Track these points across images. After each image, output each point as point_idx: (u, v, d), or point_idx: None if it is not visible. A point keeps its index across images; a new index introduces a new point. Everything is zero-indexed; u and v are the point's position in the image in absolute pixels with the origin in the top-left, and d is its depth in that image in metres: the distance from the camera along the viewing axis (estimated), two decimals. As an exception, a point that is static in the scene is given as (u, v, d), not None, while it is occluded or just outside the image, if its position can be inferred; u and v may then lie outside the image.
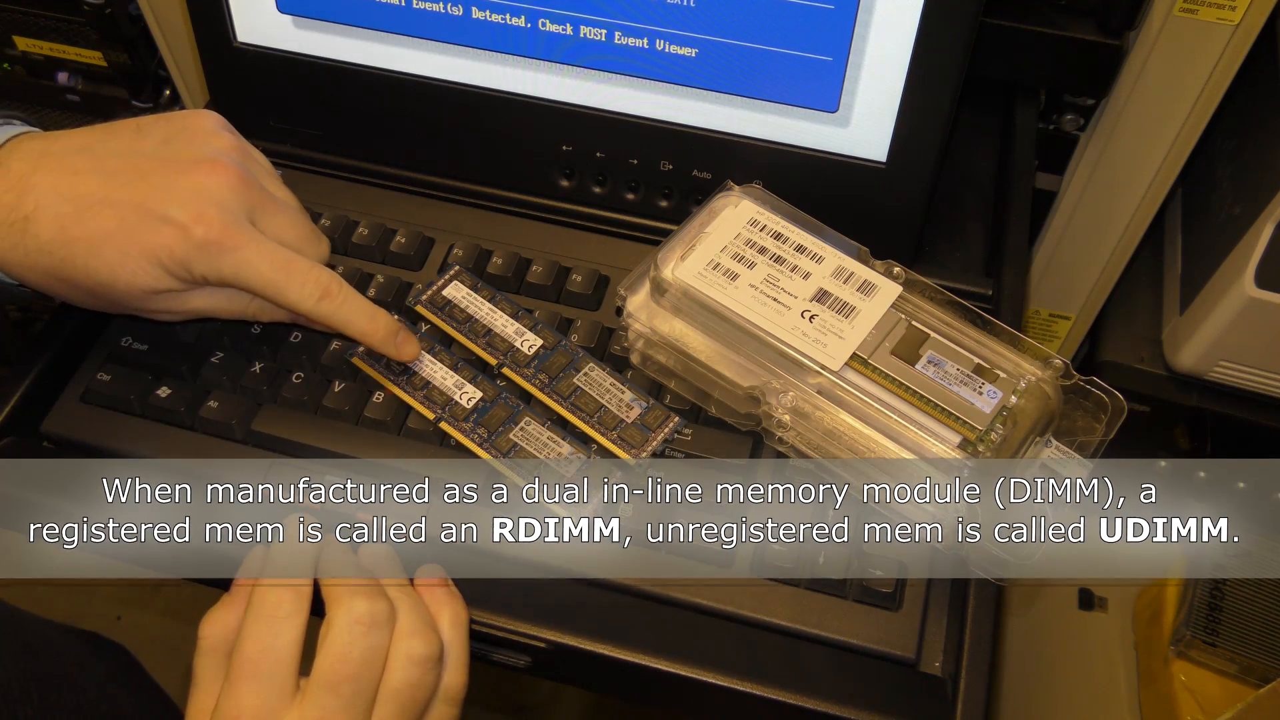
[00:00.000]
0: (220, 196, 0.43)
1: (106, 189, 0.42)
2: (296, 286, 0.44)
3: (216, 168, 0.44)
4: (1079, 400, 0.43)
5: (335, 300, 0.44)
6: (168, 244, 0.42)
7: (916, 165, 0.48)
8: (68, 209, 0.42)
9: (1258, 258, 0.58)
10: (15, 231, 0.42)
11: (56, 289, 0.44)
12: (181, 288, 0.44)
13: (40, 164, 0.43)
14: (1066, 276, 0.71)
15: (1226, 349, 0.63)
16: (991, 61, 0.55)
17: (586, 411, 0.46)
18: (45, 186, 0.42)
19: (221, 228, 0.42)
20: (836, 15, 0.44)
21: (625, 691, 0.46)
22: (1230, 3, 0.52)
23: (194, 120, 0.46)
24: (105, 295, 0.43)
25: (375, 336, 0.46)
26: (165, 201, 0.42)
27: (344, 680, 0.36)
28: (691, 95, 0.49)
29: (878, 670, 0.41)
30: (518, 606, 0.42)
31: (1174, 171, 0.61)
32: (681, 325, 0.44)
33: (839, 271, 0.45)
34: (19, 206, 0.42)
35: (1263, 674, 0.71)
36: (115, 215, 0.42)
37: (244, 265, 0.43)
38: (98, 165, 0.43)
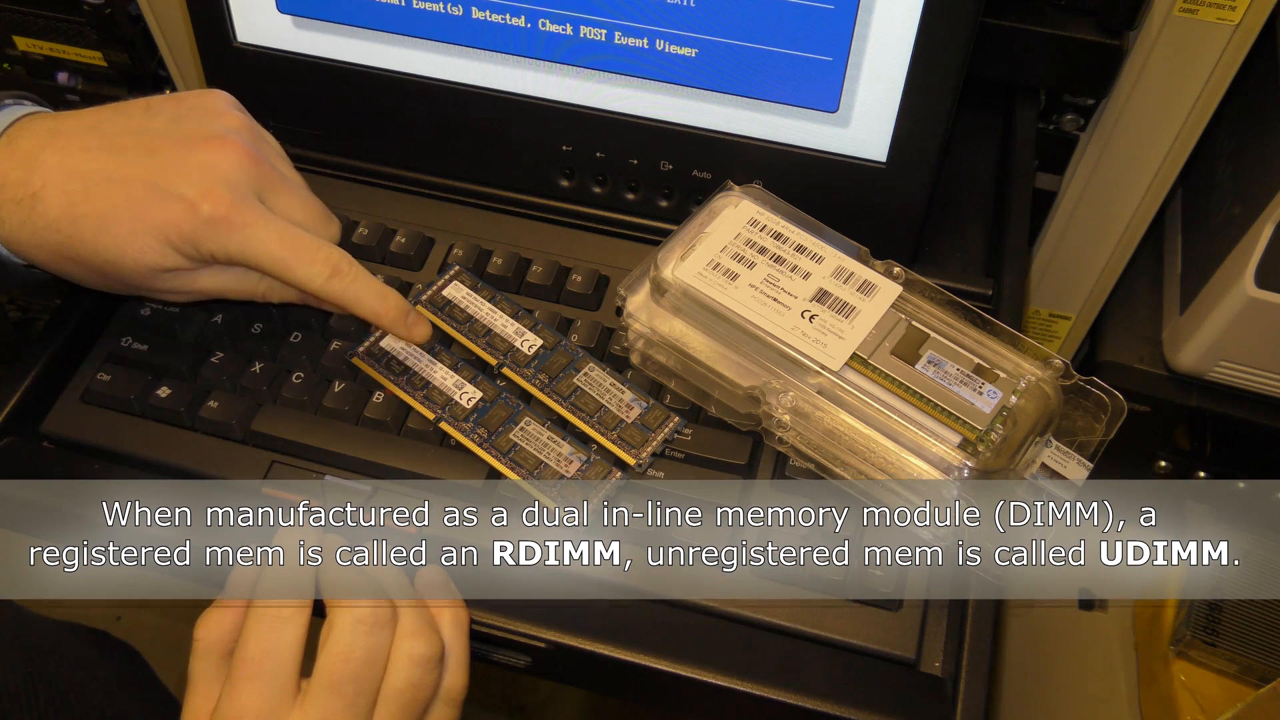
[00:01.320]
0: (229, 174, 0.43)
1: (115, 166, 0.42)
2: (305, 264, 0.43)
3: (226, 145, 0.43)
4: (1079, 400, 0.43)
5: (345, 278, 0.44)
6: (175, 220, 0.41)
7: (916, 165, 0.48)
8: (76, 186, 0.42)
9: (1258, 258, 0.58)
10: (23, 209, 0.42)
11: (64, 268, 0.44)
12: (190, 266, 0.43)
13: (49, 142, 0.42)
14: (1066, 276, 0.71)
15: (1226, 349, 0.63)
16: (991, 61, 0.55)
17: (586, 411, 0.46)
18: (53, 164, 0.42)
19: (230, 205, 0.42)
20: (836, 15, 0.44)
21: (625, 691, 0.46)
22: (1230, 3, 0.52)
23: (204, 99, 0.46)
24: (113, 274, 0.43)
25: (386, 316, 0.45)
26: (174, 178, 0.42)
27: (346, 680, 0.36)
28: (691, 95, 0.49)
29: (878, 670, 0.41)
30: (518, 607, 0.42)
31: (1174, 171, 0.61)
32: (681, 325, 0.44)
33: (839, 271, 0.45)
34: (27, 184, 0.42)
35: (1263, 674, 0.71)
36: (123, 191, 0.42)
37: (252, 243, 0.42)
38: (107, 143, 0.43)
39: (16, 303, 0.98)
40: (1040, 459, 0.41)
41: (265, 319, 0.50)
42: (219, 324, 0.49)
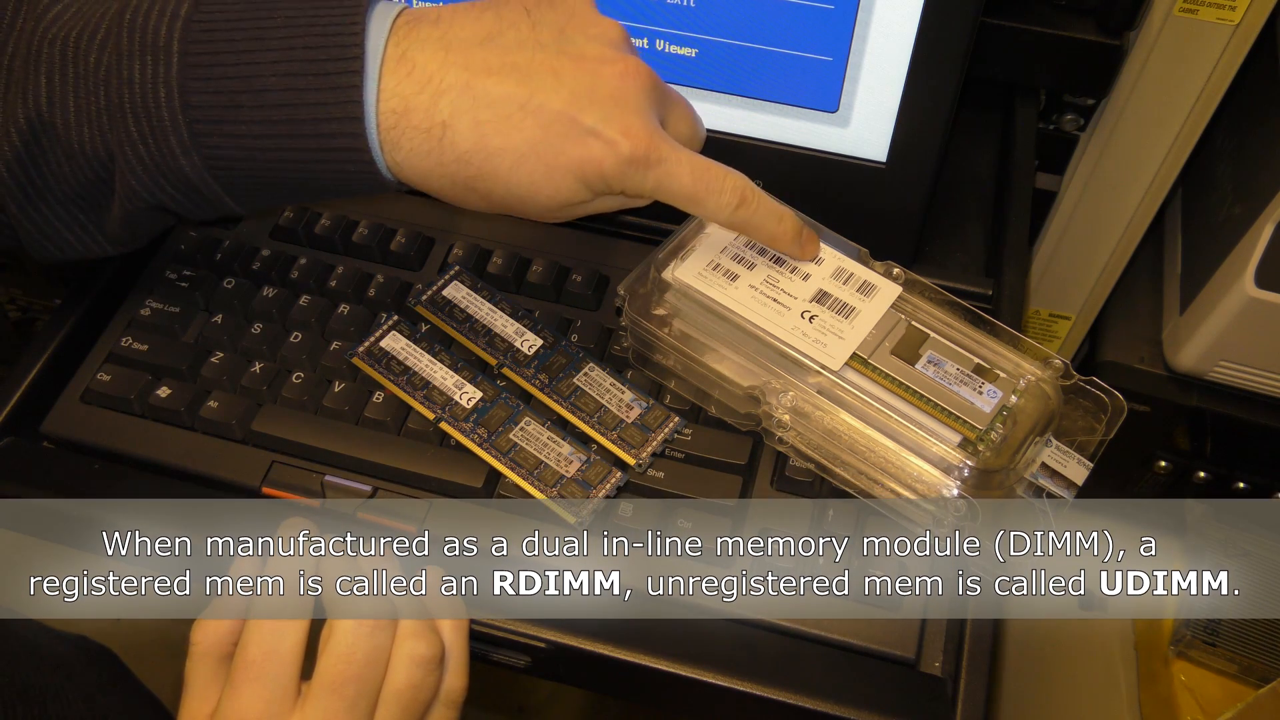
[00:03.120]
0: (639, 103, 0.40)
1: (526, 93, 0.39)
2: (714, 196, 0.41)
3: (629, 69, 0.40)
4: (1079, 400, 0.43)
5: (750, 206, 0.42)
6: (596, 159, 0.39)
7: (916, 165, 0.48)
8: (487, 116, 0.39)
9: (1258, 258, 0.58)
10: (430, 139, 0.39)
11: (464, 197, 0.41)
12: (591, 198, 0.42)
13: (447, 60, 0.39)
14: (1066, 276, 0.71)
15: (1226, 349, 0.63)
16: (991, 61, 0.55)
17: (586, 411, 0.46)
18: (459, 87, 0.38)
19: (647, 141, 0.39)
20: (836, 15, 0.44)
21: (625, 691, 0.46)
22: (1230, 3, 0.52)
23: (576, 6, 0.42)
24: (516, 206, 0.41)
25: (784, 239, 0.44)
26: (588, 110, 0.39)
27: (348, 681, 0.36)
28: (691, 95, 0.49)
29: (878, 670, 0.41)
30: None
31: (1174, 171, 0.61)
32: (681, 326, 0.44)
33: (839, 272, 0.45)
34: (434, 110, 0.38)
35: (1263, 674, 0.71)
36: (538, 125, 0.39)
37: (666, 178, 0.40)
38: (508, 63, 0.39)
39: (17, 303, 0.98)
40: (1040, 458, 0.41)
41: (265, 319, 0.50)
42: (219, 324, 0.49)
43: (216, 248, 0.52)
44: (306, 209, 0.53)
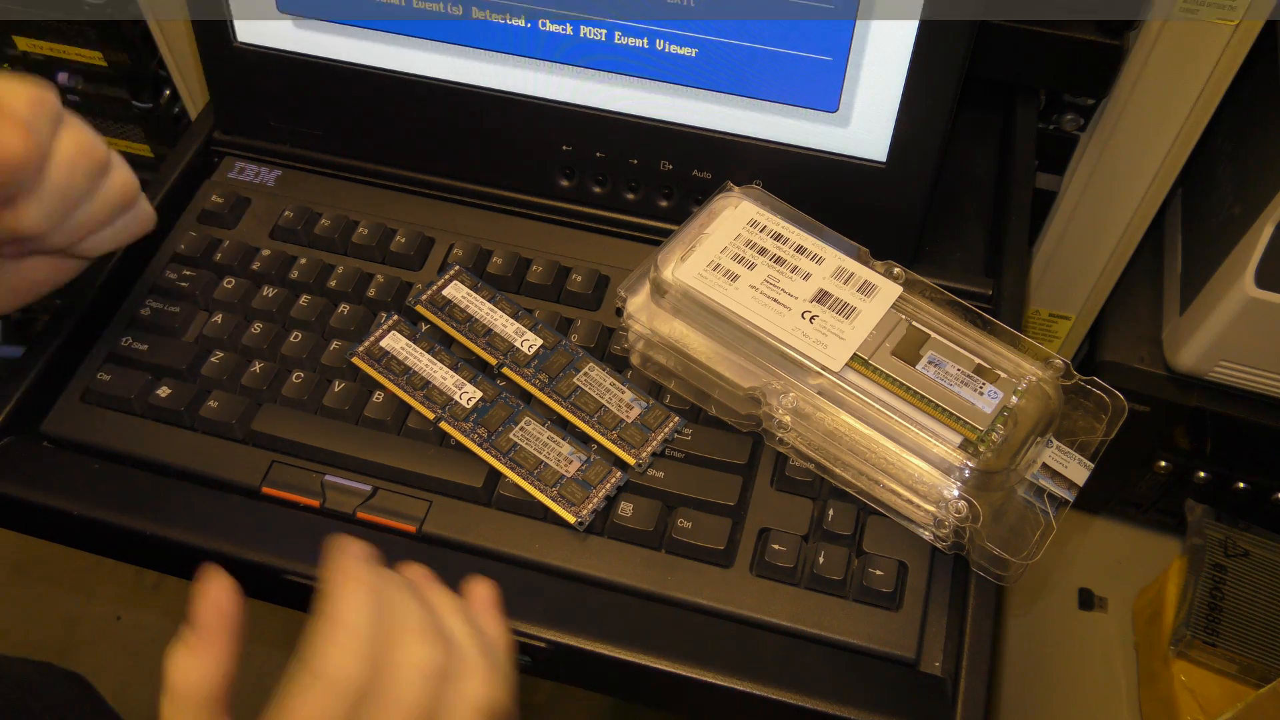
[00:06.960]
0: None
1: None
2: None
3: None
4: (1079, 400, 0.43)
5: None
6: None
7: (916, 165, 0.48)
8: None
9: (1258, 258, 0.58)
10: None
11: None
12: None
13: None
14: (1066, 276, 0.71)
15: (1226, 349, 0.63)
16: (991, 61, 0.55)
17: (586, 411, 0.46)
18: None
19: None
20: (836, 15, 0.44)
21: (625, 691, 0.46)
22: (1230, 3, 0.52)
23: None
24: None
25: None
26: None
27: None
28: (691, 95, 0.49)
29: (878, 670, 0.41)
30: (518, 606, 0.42)
31: (1174, 171, 0.61)
32: (681, 326, 0.44)
33: (839, 272, 0.45)
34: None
35: (1263, 674, 0.71)
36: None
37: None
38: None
39: (16, 303, 0.98)
40: (1041, 459, 0.41)
41: (265, 319, 0.50)
42: (219, 324, 0.49)
43: (216, 248, 0.52)
44: (307, 209, 0.53)
